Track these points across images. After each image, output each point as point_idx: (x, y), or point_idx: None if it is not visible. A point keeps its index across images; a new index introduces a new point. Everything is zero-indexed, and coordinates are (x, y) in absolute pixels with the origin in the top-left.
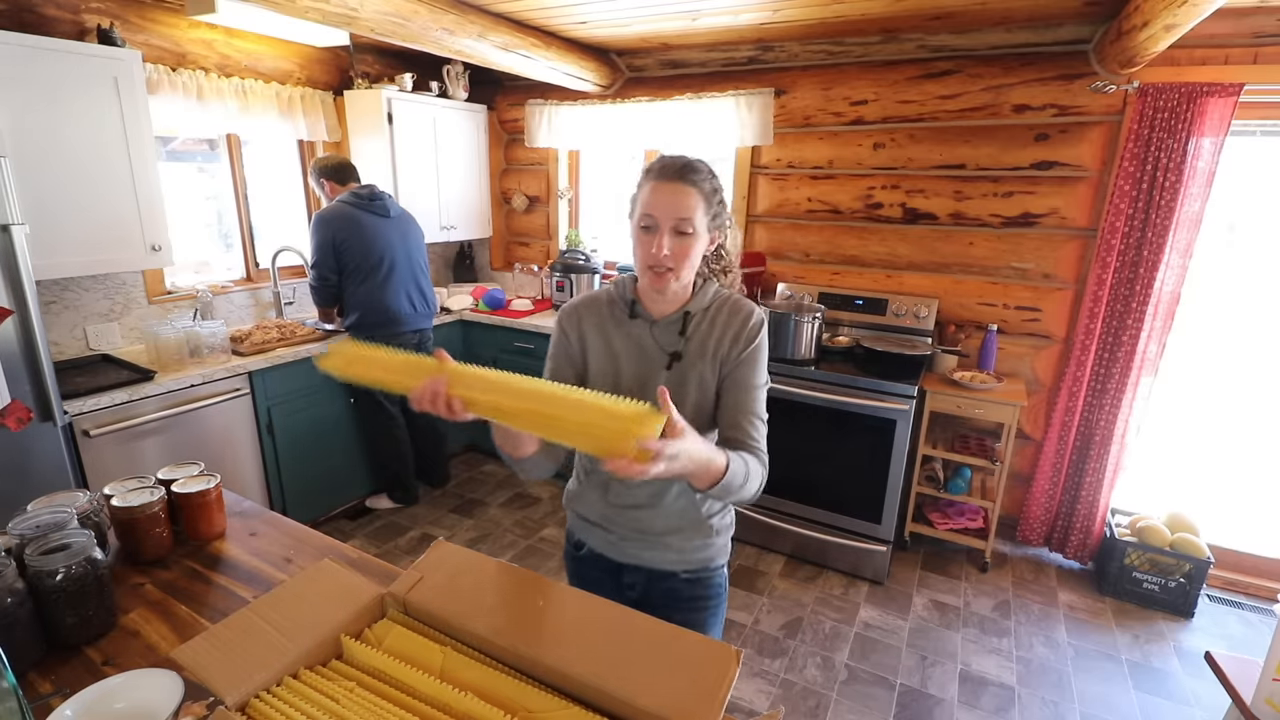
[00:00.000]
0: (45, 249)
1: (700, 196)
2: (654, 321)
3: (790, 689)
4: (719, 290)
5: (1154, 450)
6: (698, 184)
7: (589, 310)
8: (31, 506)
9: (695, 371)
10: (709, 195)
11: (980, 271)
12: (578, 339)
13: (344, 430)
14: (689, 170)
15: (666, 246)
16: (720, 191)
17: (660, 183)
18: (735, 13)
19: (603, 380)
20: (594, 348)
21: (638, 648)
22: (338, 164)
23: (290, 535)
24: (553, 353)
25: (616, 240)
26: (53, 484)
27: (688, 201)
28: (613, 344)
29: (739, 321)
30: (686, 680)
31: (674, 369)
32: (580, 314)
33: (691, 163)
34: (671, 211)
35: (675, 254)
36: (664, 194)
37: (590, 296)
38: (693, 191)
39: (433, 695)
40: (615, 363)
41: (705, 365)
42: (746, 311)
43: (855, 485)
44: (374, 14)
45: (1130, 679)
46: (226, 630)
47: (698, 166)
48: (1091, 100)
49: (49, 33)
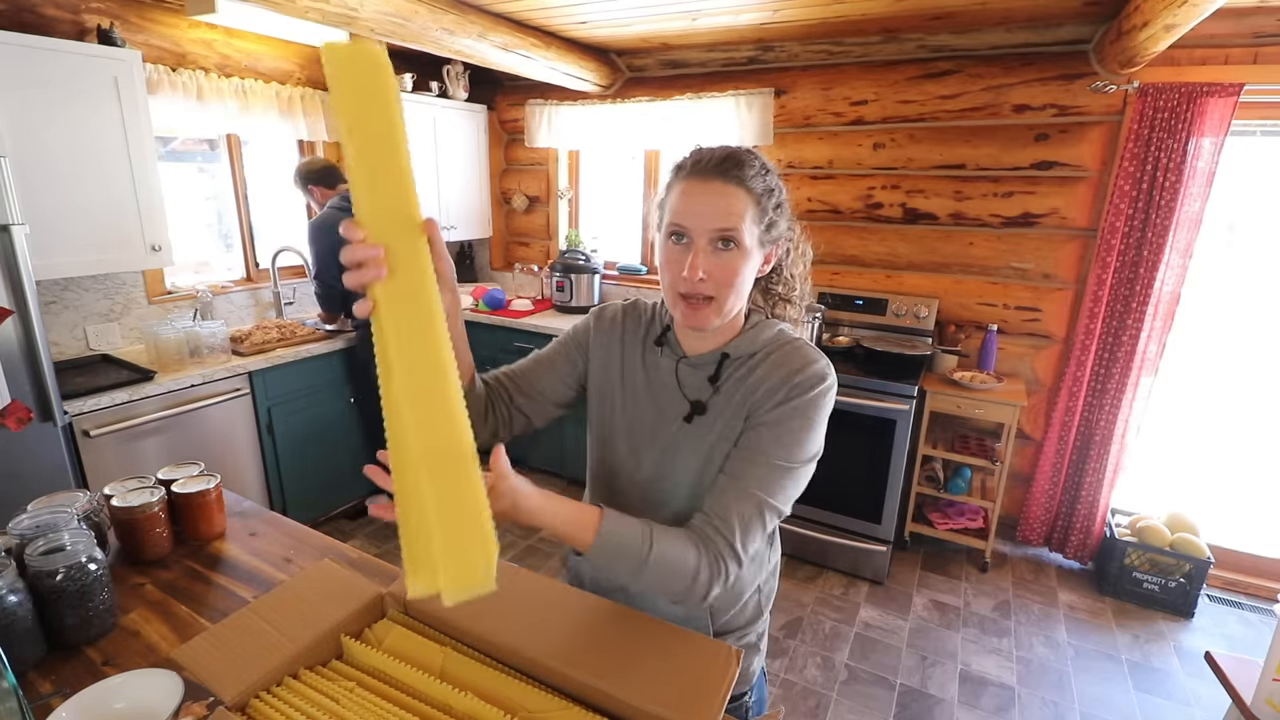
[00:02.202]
0: (45, 249)
1: (748, 199)
2: (682, 357)
3: (790, 689)
4: (781, 332)
5: (1154, 450)
6: (744, 182)
7: (629, 320)
8: (31, 506)
9: (716, 433)
10: (761, 197)
11: (980, 271)
12: (601, 347)
13: (344, 430)
14: (732, 164)
15: (701, 267)
16: (777, 192)
17: (694, 181)
18: (735, 13)
19: (597, 410)
20: (609, 364)
21: (638, 648)
22: (323, 168)
23: (290, 535)
24: (564, 340)
25: (616, 240)
26: (53, 484)
27: (731, 205)
28: (627, 371)
29: (789, 369)
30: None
31: (693, 424)
32: (619, 321)
33: (736, 153)
34: (709, 220)
35: (715, 276)
36: (699, 196)
37: (635, 305)
38: (738, 192)
39: (433, 695)
40: (618, 396)
41: (731, 424)
42: (805, 361)
43: (855, 485)
44: (374, 14)
45: (1130, 679)
46: (226, 630)
47: (744, 159)
48: (1091, 100)
49: (49, 33)
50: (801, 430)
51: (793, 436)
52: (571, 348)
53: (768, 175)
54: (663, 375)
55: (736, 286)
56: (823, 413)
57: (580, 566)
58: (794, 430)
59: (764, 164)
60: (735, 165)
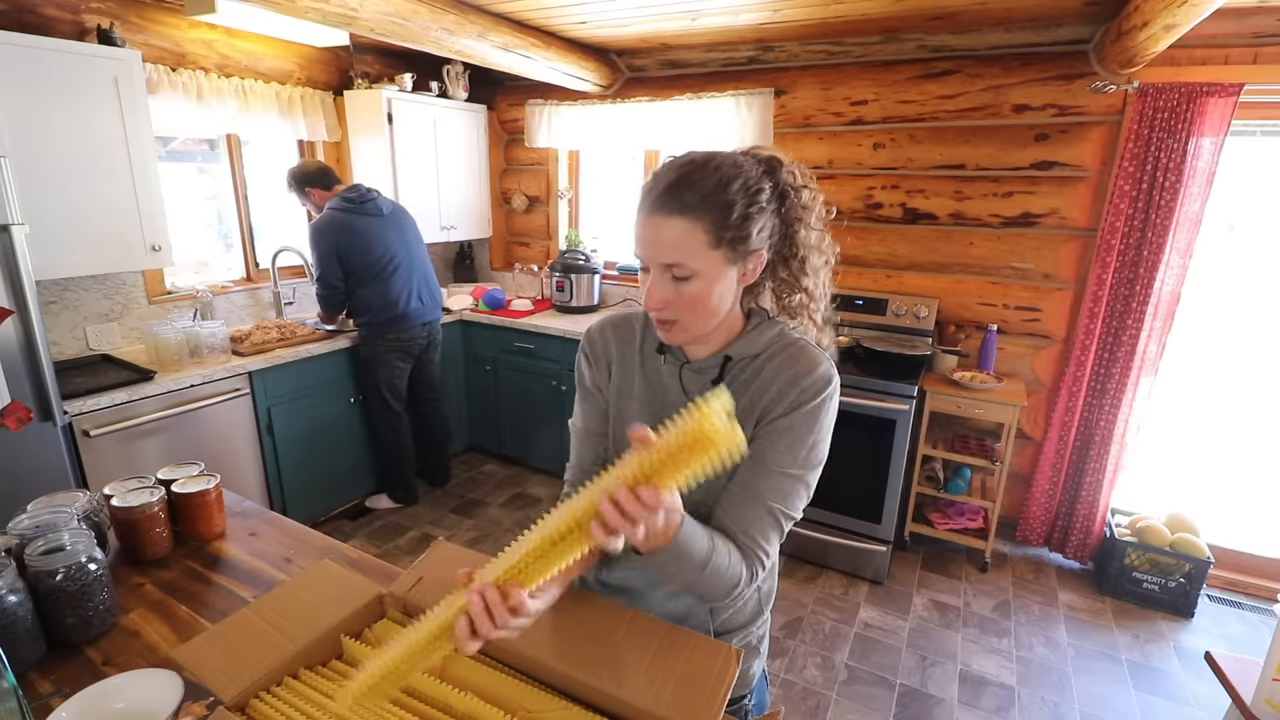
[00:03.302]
0: (45, 249)
1: (695, 225)
2: (685, 362)
3: (790, 689)
4: (784, 332)
5: (1154, 450)
6: (689, 209)
7: (619, 332)
8: (31, 506)
9: None
10: (717, 214)
11: (980, 271)
12: (605, 369)
13: (344, 430)
14: (676, 192)
15: (659, 296)
16: (742, 200)
17: (642, 214)
18: (735, 13)
19: (617, 427)
20: (612, 378)
21: (638, 648)
22: (319, 169)
23: (290, 535)
24: (578, 397)
25: (616, 240)
26: (53, 484)
27: (675, 238)
28: (625, 381)
29: (794, 373)
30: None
31: None
32: (608, 336)
33: (685, 176)
34: (655, 255)
35: (674, 305)
36: (647, 228)
37: (622, 316)
38: (680, 223)
39: (433, 695)
40: (620, 407)
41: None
42: (810, 363)
43: (855, 485)
44: (374, 14)
45: (1130, 679)
46: (226, 630)
47: (692, 180)
48: (1091, 100)
49: (49, 33)
50: (811, 438)
51: (803, 445)
52: (594, 394)
53: (724, 191)
54: (665, 381)
55: (698, 310)
56: (830, 417)
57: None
58: (804, 439)
59: (724, 176)
60: (679, 192)
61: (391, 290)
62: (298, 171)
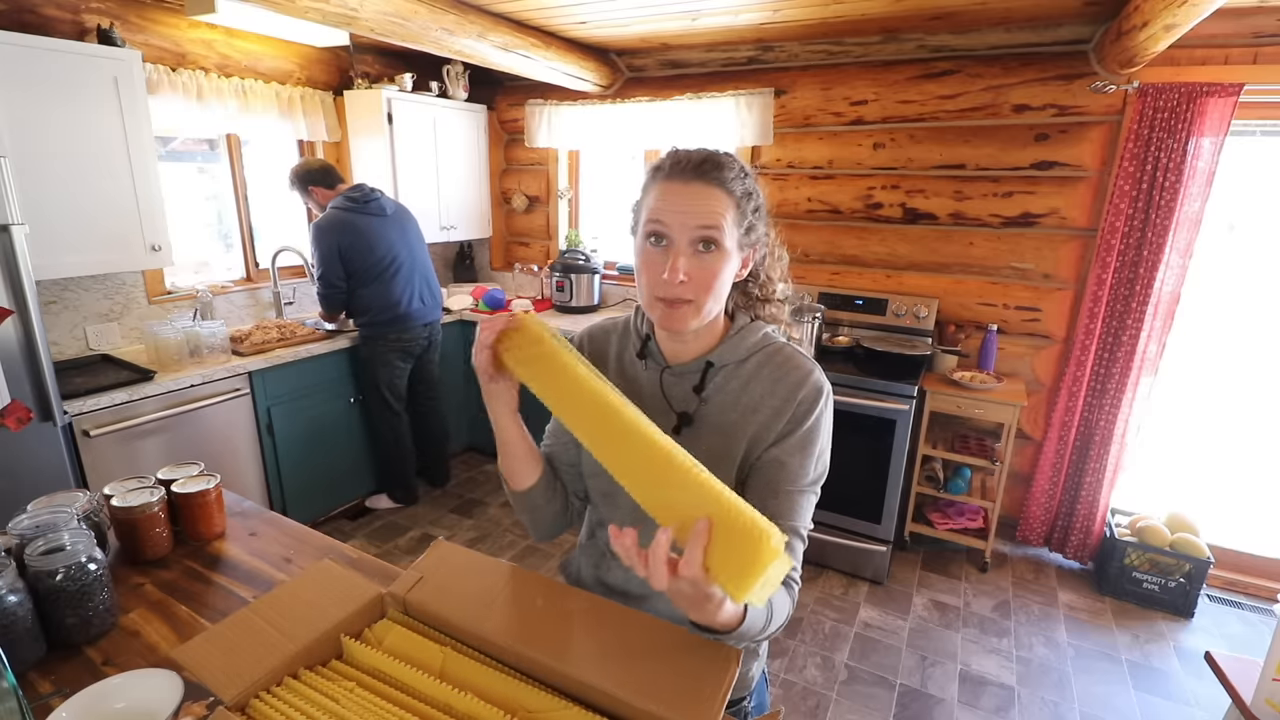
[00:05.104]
0: (45, 249)
1: (729, 201)
2: (666, 366)
3: (790, 689)
4: (766, 336)
5: (1154, 450)
6: (725, 184)
7: (594, 343)
8: (31, 506)
9: (707, 444)
10: (740, 200)
11: (980, 271)
12: None
13: (344, 430)
14: (712, 166)
15: (683, 268)
16: (755, 195)
17: (674, 182)
18: (735, 13)
19: None
20: None
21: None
22: (321, 168)
23: (290, 535)
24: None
25: (616, 240)
26: (53, 484)
27: (713, 206)
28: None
29: (787, 387)
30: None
31: (681, 435)
32: (584, 345)
33: (715, 156)
34: (691, 220)
35: (695, 278)
36: (680, 196)
37: (601, 325)
38: (718, 194)
39: (433, 695)
40: None
41: (724, 439)
42: (800, 374)
43: (855, 485)
44: (374, 14)
45: (1130, 679)
46: (226, 630)
47: (723, 161)
48: (1091, 100)
49: (49, 33)
50: (815, 450)
51: (810, 459)
52: None
53: (746, 179)
54: (645, 387)
55: (715, 289)
56: (829, 423)
57: (579, 566)
58: (809, 453)
59: (742, 167)
60: (715, 167)
61: (393, 291)
62: (301, 170)
